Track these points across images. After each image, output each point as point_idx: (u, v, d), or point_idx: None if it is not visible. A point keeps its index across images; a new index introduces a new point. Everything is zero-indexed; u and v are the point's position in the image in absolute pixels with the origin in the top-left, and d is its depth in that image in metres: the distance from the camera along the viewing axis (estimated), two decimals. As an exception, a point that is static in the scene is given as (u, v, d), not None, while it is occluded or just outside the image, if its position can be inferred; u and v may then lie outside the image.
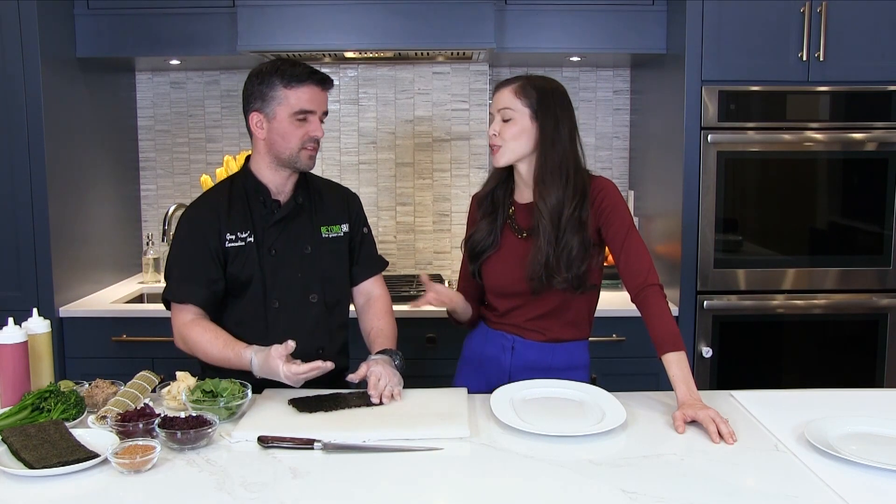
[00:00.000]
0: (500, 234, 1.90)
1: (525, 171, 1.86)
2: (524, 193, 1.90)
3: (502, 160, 1.84)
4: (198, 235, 1.85)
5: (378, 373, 1.73)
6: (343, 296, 2.00)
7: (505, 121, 1.81)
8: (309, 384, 1.80)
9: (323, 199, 1.98)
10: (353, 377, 1.76)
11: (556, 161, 1.80)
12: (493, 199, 1.93)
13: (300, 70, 1.83)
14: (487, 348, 1.96)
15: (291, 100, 1.81)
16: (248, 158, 1.94)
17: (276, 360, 1.66)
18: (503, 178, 1.92)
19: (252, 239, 1.86)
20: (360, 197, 2.11)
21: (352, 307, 2.05)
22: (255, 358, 1.71)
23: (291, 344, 1.67)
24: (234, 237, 1.85)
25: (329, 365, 1.68)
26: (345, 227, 1.98)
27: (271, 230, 1.88)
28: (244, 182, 1.91)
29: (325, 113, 1.88)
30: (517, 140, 1.81)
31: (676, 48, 2.71)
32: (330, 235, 1.95)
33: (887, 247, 2.70)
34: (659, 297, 1.75)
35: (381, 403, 1.68)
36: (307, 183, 1.97)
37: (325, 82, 1.86)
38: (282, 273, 1.88)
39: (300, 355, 1.88)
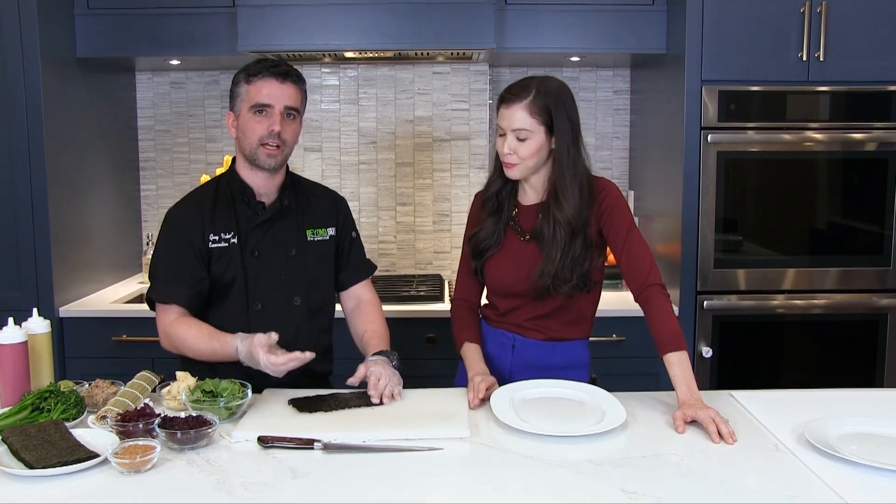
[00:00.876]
0: (503, 234, 1.90)
1: (535, 178, 1.86)
2: (529, 196, 1.90)
3: (517, 175, 1.83)
4: (182, 235, 1.83)
5: (378, 373, 1.72)
6: (327, 300, 1.98)
7: (521, 139, 1.78)
8: (306, 384, 1.80)
9: (310, 202, 1.96)
10: (352, 379, 1.74)
11: (572, 171, 1.80)
12: (497, 199, 1.93)
13: (261, 65, 1.81)
14: (488, 347, 1.95)
15: (251, 93, 1.80)
16: (233, 159, 1.92)
17: (257, 348, 1.64)
18: (507, 178, 1.92)
19: (236, 240, 1.84)
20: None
21: (338, 308, 2.03)
22: (241, 345, 1.69)
23: (274, 336, 1.65)
24: (217, 237, 1.83)
25: (308, 355, 1.64)
26: (331, 231, 1.96)
27: (255, 232, 1.86)
28: (230, 183, 1.89)
29: (294, 109, 1.83)
30: (534, 157, 1.80)
31: (676, 48, 2.71)
32: (315, 239, 1.93)
33: (887, 247, 2.70)
34: (661, 296, 1.75)
35: (381, 403, 1.68)
36: (294, 185, 1.95)
37: (285, 75, 1.81)
38: (265, 275, 1.86)
39: None
